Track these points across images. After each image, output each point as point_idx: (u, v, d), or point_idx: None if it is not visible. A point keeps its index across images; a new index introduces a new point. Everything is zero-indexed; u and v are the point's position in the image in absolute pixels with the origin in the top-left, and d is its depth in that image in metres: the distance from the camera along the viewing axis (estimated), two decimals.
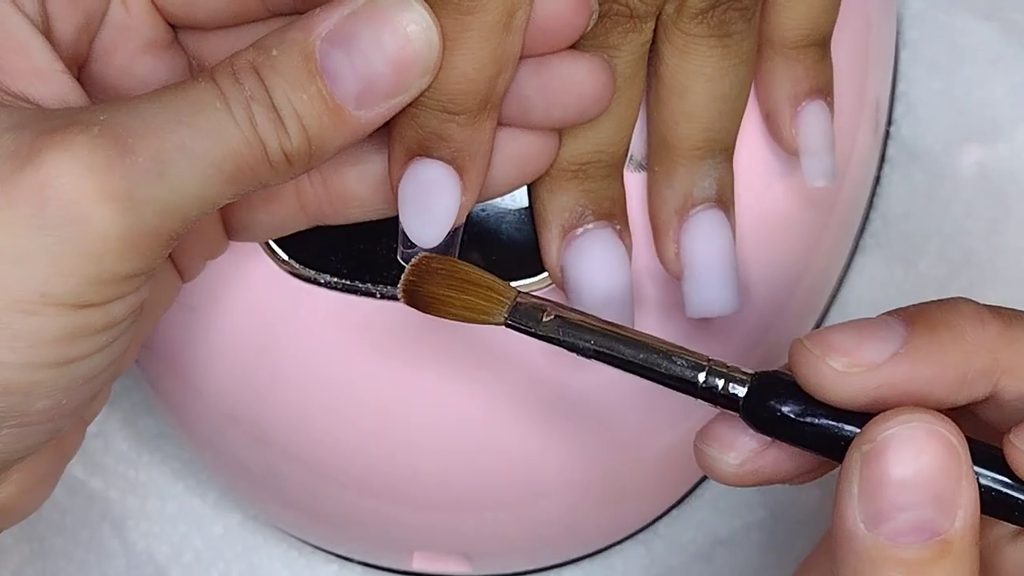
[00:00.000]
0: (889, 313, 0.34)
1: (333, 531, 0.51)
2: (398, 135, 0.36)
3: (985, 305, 0.34)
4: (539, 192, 0.40)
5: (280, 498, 0.50)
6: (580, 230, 0.40)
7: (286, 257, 0.43)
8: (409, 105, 0.35)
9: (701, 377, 0.35)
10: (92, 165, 0.31)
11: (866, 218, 0.52)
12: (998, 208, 0.52)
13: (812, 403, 0.33)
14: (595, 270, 0.39)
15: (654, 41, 0.38)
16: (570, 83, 0.36)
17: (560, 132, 0.38)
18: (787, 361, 0.34)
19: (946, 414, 0.32)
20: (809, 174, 0.41)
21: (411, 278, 0.37)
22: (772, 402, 0.34)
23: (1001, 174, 0.52)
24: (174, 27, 0.38)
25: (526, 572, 0.53)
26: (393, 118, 0.35)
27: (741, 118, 0.40)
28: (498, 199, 0.41)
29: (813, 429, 0.33)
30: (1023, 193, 0.52)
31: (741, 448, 0.35)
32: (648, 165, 0.41)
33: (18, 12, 0.34)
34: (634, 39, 0.37)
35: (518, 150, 0.37)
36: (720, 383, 0.34)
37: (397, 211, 0.38)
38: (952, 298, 0.34)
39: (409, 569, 0.51)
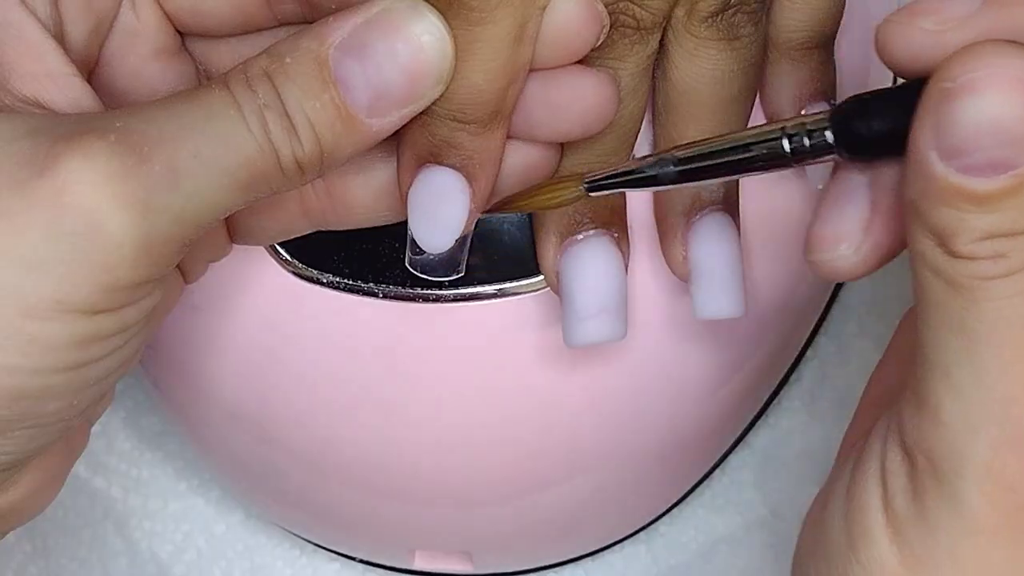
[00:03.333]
0: None
1: (335, 530, 0.51)
2: (409, 142, 0.36)
3: None
4: None
5: (282, 497, 0.50)
6: (579, 236, 0.40)
7: (289, 257, 0.43)
8: (420, 113, 0.35)
9: (786, 146, 0.33)
10: (110, 173, 0.31)
11: None
12: None
13: (902, 93, 0.32)
14: (591, 277, 0.40)
15: (664, 45, 0.38)
16: (575, 98, 0.36)
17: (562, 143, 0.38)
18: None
19: None
20: (813, 176, 0.41)
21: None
22: (862, 115, 0.32)
23: None
24: (182, 34, 0.38)
25: (527, 571, 0.53)
26: (404, 126, 0.35)
27: (748, 121, 0.40)
28: None
29: (912, 113, 0.31)
30: None
31: (848, 231, 0.33)
32: None
33: (31, 16, 0.34)
34: (639, 51, 0.38)
35: (520, 161, 0.37)
36: (806, 141, 0.33)
37: (400, 218, 0.38)
38: None
39: (411, 568, 0.51)
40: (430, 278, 0.39)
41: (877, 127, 0.32)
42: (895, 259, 0.50)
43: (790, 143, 0.33)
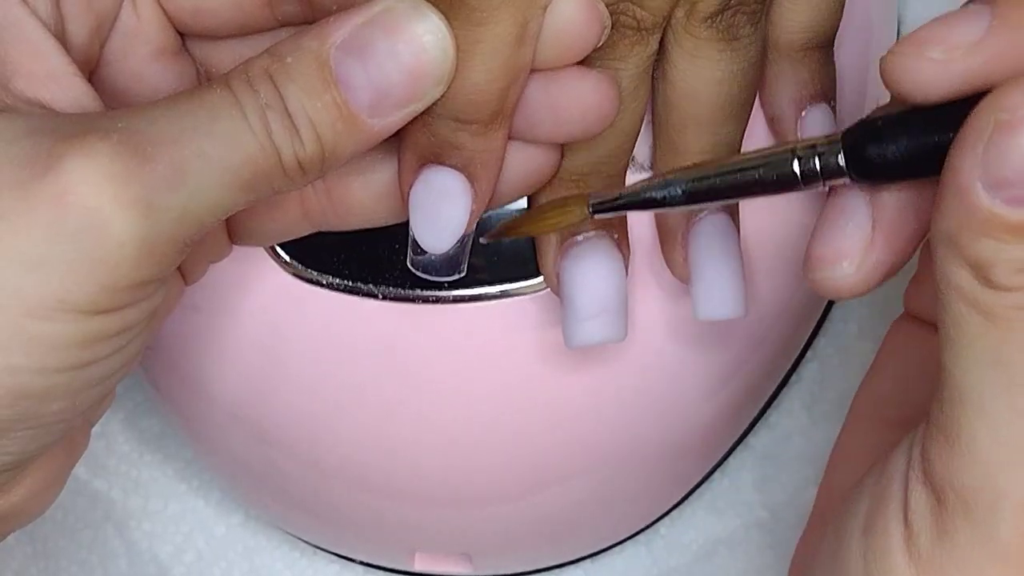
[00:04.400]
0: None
1: (335, 531, 0.51)
2: (411, 142, 0.36)
3: None
4: (538, 199, 0.40)
5: (282, 498, 0.50)
6: (579, 238, 0.40)
7: (289, 258, 0.43)
8: (422, 113, 0.35)
9: (796, 169, 0.33)
10: (112, 173, 0.31)
11: None
12: None
13: (914, 117, 0.32)
14: (591, 279, 0.39)
15: (663, 45, 0.38)
16: (576, 99, 0.36)
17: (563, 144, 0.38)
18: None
19: None
20: None
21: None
22: (875, 140, 0.32)
23: None
24: (183, 35, 0.38)
25: (527, 572, 0.53)
26: (405, 126, 0.35)
27: (747, 122, 0.40)
28: None
29: (927, 137, 0.31)
30: None
31: (849, 249, 0.33)
32: (654, 169, 0.41)
33: (32, 16, 0.34)
34: (640, 52, 0.38)
35: (521, 162, 0.37)
36: (816, 163, 0.33)
37: (401, 219, 0.38)
38: None
39: (411, 570, 0.51)
40: (431, 279, 0.39)
41: (892, 153, 0.32)
42: None
43: (800, 165, 0.33)
